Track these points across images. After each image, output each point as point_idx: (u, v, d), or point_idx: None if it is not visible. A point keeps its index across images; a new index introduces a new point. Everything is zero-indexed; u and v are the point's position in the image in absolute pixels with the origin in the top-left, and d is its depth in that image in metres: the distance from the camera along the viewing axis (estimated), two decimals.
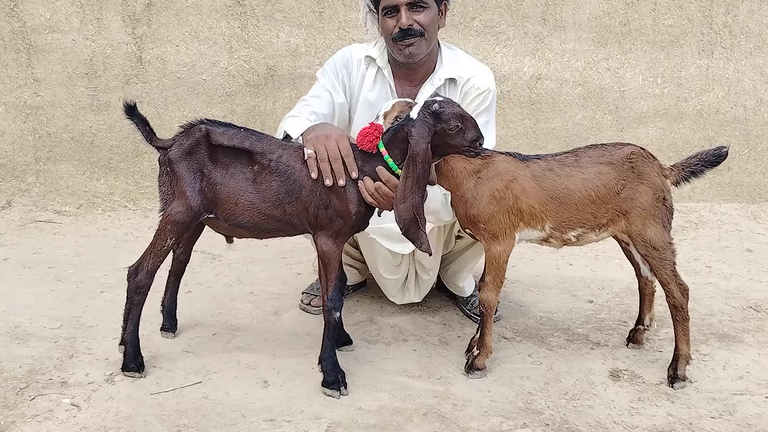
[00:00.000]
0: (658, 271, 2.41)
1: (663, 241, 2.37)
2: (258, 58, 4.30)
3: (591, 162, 2.37)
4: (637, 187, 2.35)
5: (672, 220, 2.42)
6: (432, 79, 2.71)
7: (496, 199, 2.34)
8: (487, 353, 2.46)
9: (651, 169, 2.37)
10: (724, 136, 4.65)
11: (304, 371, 2.44)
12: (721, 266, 3.70)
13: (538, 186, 2.35)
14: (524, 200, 2.35)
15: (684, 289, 2.42)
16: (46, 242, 3.68)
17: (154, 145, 2.31)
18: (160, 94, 4.21)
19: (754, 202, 4.63)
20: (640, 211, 2.36)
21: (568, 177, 2.35)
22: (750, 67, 4.67)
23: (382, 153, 2.20)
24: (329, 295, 2.29)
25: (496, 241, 2.38)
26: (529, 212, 2.36)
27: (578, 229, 2.40)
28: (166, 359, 2.49)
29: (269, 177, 2.24)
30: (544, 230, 2.40)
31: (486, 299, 2.42)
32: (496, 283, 2.41)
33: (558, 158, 2.41)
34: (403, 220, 2.15)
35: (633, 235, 2.38)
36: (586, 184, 2.35)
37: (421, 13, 2.56)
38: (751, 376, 2.54)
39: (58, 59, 4.14)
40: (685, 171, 2.41)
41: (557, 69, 4.53)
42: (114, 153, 4.21)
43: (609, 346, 2.73)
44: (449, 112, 2.15)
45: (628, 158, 2.36)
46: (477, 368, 2.45)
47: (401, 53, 2.60)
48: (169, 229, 2.27)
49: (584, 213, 2.36)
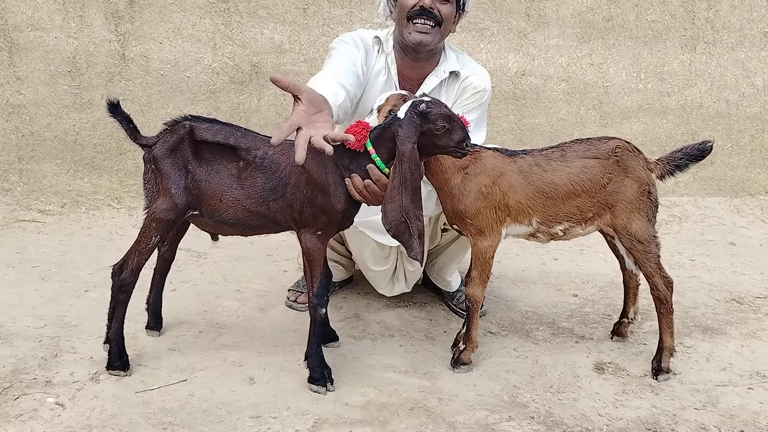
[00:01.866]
0: (642, 264, 2.43)
1: (647, 235, 2.39)
2: (242, 55, 4.28)
3: (577, 156, 2.39)
4: (622, 181, 2.37)
5: (656, 214, 2.44)
6: (437, 71, 2.70)
7: (483, 194, 2.35)
8: (473, 348, 2.47)
9: (636, 163, 2.39)
10: (707, 130, 4.69)
11: (291, 368, 2.44)
12: (704, 259, 3.73)
13: (525, 181, 2.36)
14: (511, 195, 2.36)
15: (668, 282, 2.44)
16: (30, 241, 3.65)
17: (138, 142, 2.29)
18: (143, 91, 4.19)
19: (737, 196, 4.68)
20: (625, 205, 2.37)
21: (554, 171, 2.37)
22: (732, 61, 4.71)
23: (370, 152, 2.20)
24: (314, 291, 2.29)
25: (483, 237, 2.39)
26: (516, 207, 2.37)
27: (565, 223, 2.41)
28: (151, 357, 2.47)
29: (254, 173, 2.23)
30: (531, 225, 2.41)
31: (472, 294, 2.43)
32: (482, 278, 2.42)
33: (544, 153, 2.42)
34: (390, 222, 2.13)
35: (618, 228, 2.40)
36: (572, 179, 2.36)
37: (445, 5, 2.56)
38: (734, 367, 2.56)
39: (40, 57, 4.10)
40: (670, 165, 2.43)
41: (541, 65, 4.55)
42: (98, 151, 4.18)
43: (594, 340, 2.75)
44: (436, 113, 2.14)
45: (613, 152, 2.38)
46: (463, 363, 2.46)
47: (411, 37, 2.55)
48: (154, 227, 2.26)
49: (570, 207, 2.38)
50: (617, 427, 2.17)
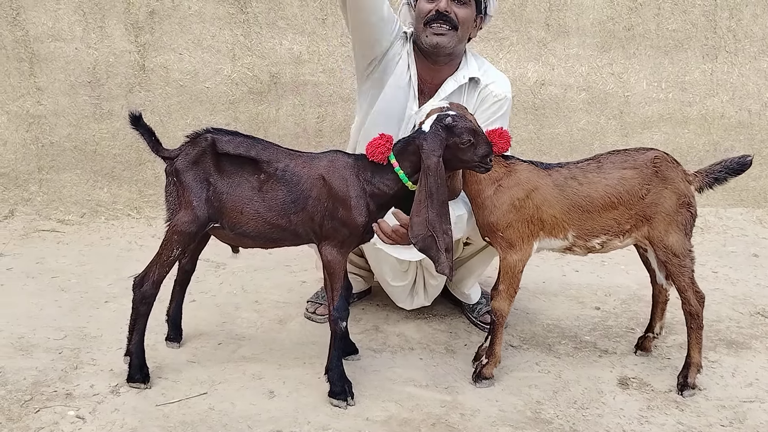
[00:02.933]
0: (676, 278, 2.39)
1: (683, 248, 2.35)
2: (261, 66, 4.29)
3: (614, 167, 2.35)
4: (661, 192, 2.33)
5: (693, 227, 2.40)
6: (456, 76, 2.69)
7: (516, 207, 2.32)
8: (496, 363, 2.44)
9: (675, 174, 2.34)
10: (728, 140, 4.64)
11: (311, 381, 2.42)
12: (727, 271, 3.67)
13: (561, 195, 2.33)
14: (546, 210, 2.32)
15: (700, 297, 2.40)
16: (50, 252, 3.67)
17: (161, 155, 2.30)
18: (163, 102, 4.21)
19: (760, 207, 4.61)
20: (663, 217, 2.33)
21: (590, 184, 2.33)
22: (754, 71, 4.66)
23: (393, 165, 2.19)
24: (335, 305, 2.28)
25: (513, 250, 2.35)
26: (550, 222, 2.33)
27: (602, 236, 2.37)
28: (171, 370, 2.47)
29: (275, 186, 2.23)
30: (566, 239, 2.37)
31: (498, 308, 2.40)
32: (510, 292, 2.39)
33: (580, 165, 2.38)
34: (417, 236, 2.13)
35: (654, 241, 2.36)
36: (609, 191, 2.32)
37: (462, 8, 2.56)
38: (761, 382, 2.51)
39: (60, 68, 4.13)
40: (709, 177, 2.38)
41: (561, 74, 4.52)
42: (117, 162, 4.20)
43: (617, 354, 2.71)
44: (462, 126, 2.13)
45: (652, 162, 2.34)
46: (485, 377, 2.43)
47: (428, 39, 2.56)
48: (175, 240, 2.25)
49: (608, 220, 2.34)
50: None
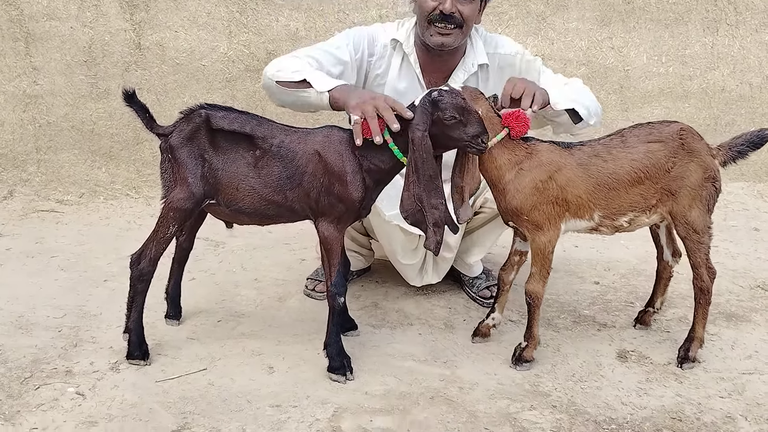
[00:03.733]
0: (692, 254, 2.35)
1: (704, 224, 2.32)
2: (257, 43, 4.26)
3: (639, 141, 2.29)
4: (687, 165, 2.28)
5: (716, 203, 2.36)
6: (464, 65, 2.66)
7: (539, 190, 2.25)
8: (535, 345, 2.40)
9: (701, 147, 2.30)
10: (729, 114, 4.61)
11: (310, 357, 2.43)
12: (728, 246, 3.66)
13: (585, 174, 2.26)
14: (570, 190, 2.26)
15: (712, 273, 2.38)
16: (48, 232, 3.67)
17: (155, 132, 2.28)
18: (159, 80, 4.18)
19: (761, 181, 4.59)
20: (689, 191, 2.29)
21: (615, 160, 2.27)
22: (756, 43, 4.61)
23: (387, 140, 2.16)
24: (332, 280, 2.27)
25: (541, 232, 2.29)
26: (575, 203, 2.27)
27: (629, 213, 2.32)
28: (170, 347, 2.47)
29: (270, 162, 2.21)
30: (592, 219, 2.32)
31: (533, 291, 2.35)
32: (543, 274, 2.34)
33: (603, 142, 2.32)
34: (407, 210, 2.13)
35: (677, 215, 2.31)
36: (635, 165, 2.26)
37: (467, 4, 2.50)
38: (760, 355, 2.52)
39: (56, 47, 4.11)
40: (732, 151, 2.35)
41: (561, 49, 4.49)
42: (115, 141, 4.18)
43: (616, 327, 2.71)
44: (447, 101, 2.08)
45: (678, 135, 2.29)
46: (525, 360, 2.39)
47: (432, 39, 2.53)
48: (171, 216, 2.25)
49: (634, 196, 2.29)
50: (641, 416, 2.13)
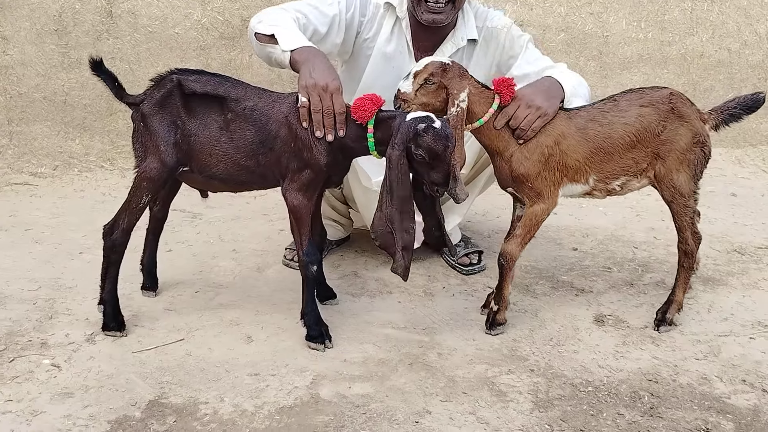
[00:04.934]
0: (678, 217, 2.37)
1: (690, 189, 2.33)
2: (232, 9, 4.18)
3: (630, 105, 2.31)
4: (677, 129, 2.29)
5: (704, 169, 2.37)
6: (454, 38, 2.63)
7: (546, 156, 2.26)
8: (506, 307, 2.41)
9: (691, 112, 2.32)
10: (708, 80, 4.61)
11: (289, 326, 2.42)
12: (705, 211, 3.64)
13: (584, 139, 2.29)
14: (571, 155, 2.28)
15: (698, 238, 2.40)
16: (23, 205, 3.60)
17: (125, 101, 2.24)
18: (132, 49, 4.09)
19: (739, 147, 4.61)
20: (677, 155, 2.30)
21: (610, 125, 2.29)
22: (734, 8, 4.60)
23: (369, 130, 2.12)
24: (304, 249, 2.25)
25: (541, 199, 2.30)
26: (574, 167, 2.30)
27: (622, 177, 2.34)
28: (147, 318, 2.45)
29: (243, 125, 2.18)
30: (587, 183, 2.34)
31: (509, 251, 2.34)
32: (525, 239, 2.35)
33: (597, 107, 2.34)
34: (376, 231, 2.10)
35: (663, 179, 2.33)
36: (627, 129, 2.28)
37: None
38: (736, 317, 2.55)
39: (26, 16, 4.00)
40: (724, 114, 2.36)
41: (539, 15, 4.45)
42: (88, 112, 4.10)
43: (593, 292, 2.72)
44: (426, 142, 2.00)
45: (668, 99, 2.30)
46: (499, 323, 2.40)
47: (423, 16, 2.49)
48: (144, 186, 2.21)
49: (627, 159, 2.31)
50: (618, 379, 2.15)
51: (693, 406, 2.03)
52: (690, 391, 2.10)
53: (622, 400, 2.06)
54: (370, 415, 1.97)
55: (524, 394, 2.08)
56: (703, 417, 1.98)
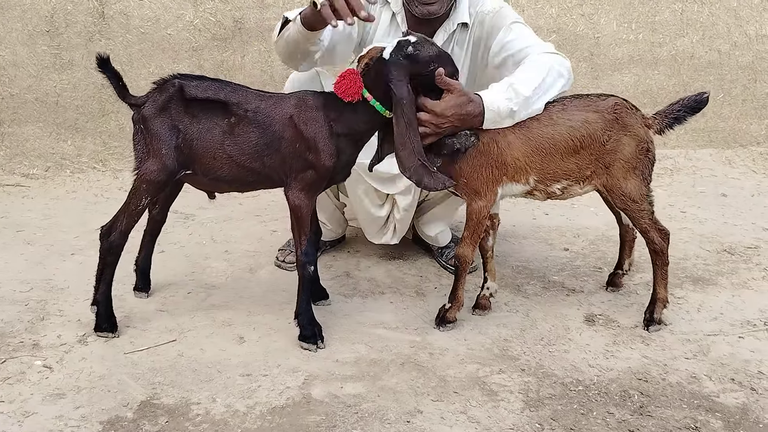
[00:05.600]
0: (636, 222, 2.40)
1: (640, 194, 2.34)
2: (224, 11, 4.18)
3: (577, 110, 2.33)
4: (621, 139, 2.31)
5: (652, 171, 2.40)
6: (445, 26, 2.64)
7: (481, 152, 2.29)
8: (459, 306, 2.45)
9: (635, 120, 2.33)
10: (698, 81, 4.63)
11: (281, 327, 2.43)
12: (696, 211, 3.71)
13: (525, 137, 2.30)
14: (509, 153, 2.30)
15: (665, 234, 2.41)
16: (14, 206, 3.60)
17: (128, 102, 2.25)
18: (124, 50, 4.09)
19: (729, 147, 4.64)
20: (622, 164, 2.32)
21: (554, 126, 2.30)
22: (724, 10, 4.62)
23: (368, 98, 2.16)
24: (302, 249, 2.26)
25: (477, 197, 2.33)
26: (513, 165, 2.31)
27: (563, 181, 2.35)
28: (139, 319, 2.46)
29: (247, 128, 2.19)
30: (528, 183, 2.35)
31: (462, 254, 2.39)
32: (474, 238, 2.38)
33: (545, 107, 2.35)
34: (409, 168, 2.15)
35: (612, 188, 2.35)
36: (572, 133, 2.30)
37: None
38: (725, 317, 2.56)
39: (17, 17, 3.99)
40: (668, 118, 2.38)
41: (531, 16, 4.46)
42: (80, 113, 4.09)
43: (584, 293, 2.74)
44: (424, 55, 2.12)
45: (613, 109, 2.32)
46: (448, 321, 2.45)
47: (417, 9, 2.51)
48: (144, 189, 2.22)
49: (569, 164, 2.32)
50: (608, 378, 2.17)
51: (682, 405, 2.05)
52: (679, 389, 2.12)
53: (612, 399, 2.07)
54: (362, 414, 1.98)
55: (515, 393, 2.09)
56: (692, 415, 2.00)
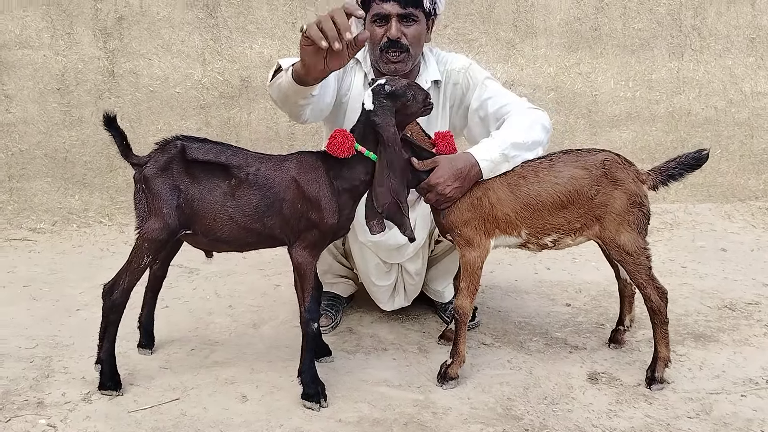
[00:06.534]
0: (633, 276, 2.42)
1: (637, 247, 2.38)
2: (231, 70, 4.29)
3: (565, 166, 2.39)
4: (611, 193, 2.36)
5: (648, 226, 2.43)
6: (418, 81, 2.71)
7: (474, 206, 2.38)
8: (461, 362, 2.45)
9: (626, 175, 2.37)
10: (696, 137, 4.72)
11: (284, 384, 2.43)
12: (696, 266, 3.74)
13: (513, 195, 2.37)
14: (499, 208, 2.37)
15: (662, 293, 2.43)
16: (21, 261, 3.64)
17: (130, 161, 2.30)
18: (133, 108, 4.19)
19: (728, 202, 4.69)
20: (614, 217, 2.37)
21: (541, 183, 2.37)
22: (719, 68, 4.74)
23: (361, 151, 2.24)
24: (306, 306, 2.28)
25: (471, 248, 2.40)
26: (504, 220, 2.38)
27: (553, 234, 2.41)
28: (143, 376, 2.46)
29: (248, 191, 2.24)
30: (520, 236, 2.42)
31: (460, 305, 2.42)
32: (470, 289, 2.42)
33: (533, 164, 2.42)
34: (382, 204, 2.22)
35: (606, 240, 2.40)
36: (558, 189, 2.36)
37: (411, 26, 2.56)
38: (727, 375, 2.56)
39: (29, 75, 4.10)
40: (663, 175, 2.41)
41: (530, 75, 4.57)
42: (88, 168, 4.17)
43: (587, 349, 2.75)
44: (401, 87, 2.21)
45: (602, 164, 2.37)
46: (450, 378, 2.44)
47: (386, 67, 2.60)
48: (145, 247, 2.25)
49: (558, 218, 2.38)
50: None
51: None
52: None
53: None
54: None
55: None
56: None
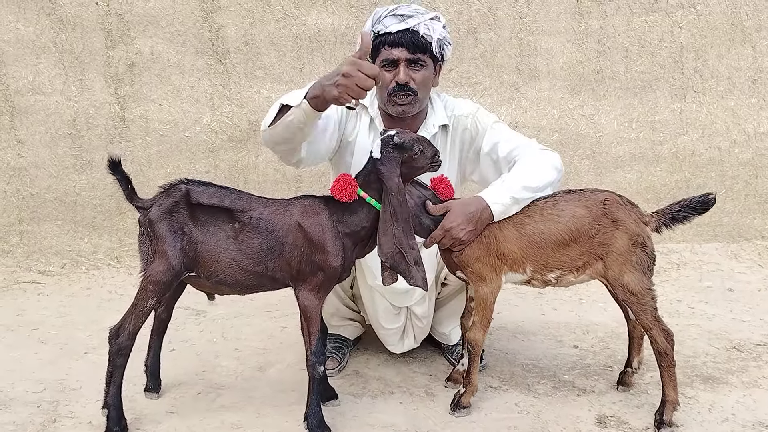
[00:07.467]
0: (638, 317, 2.43)
1: (641, 287, 2.39)
2: (240, 114, 4.37)
3: (567, 205, 2.45)
4: (612, 233, 2.39)
5: (653, 266, 2.45)
6: (425, 126, 2.76)
7: (483, 244, 2.45)
8: (473, 391, 2.50)
9: (627, 216, 2.41)
10: (700, 177, 4.74)
11: (290, 429, 2.42)
12: (703, 307, 3.72)
13: (518, 233, 2.44)
14: (506, 246, 2.44)
15: (668, 335, 2.42)
16: (30, 303, 3.66)
17: (135, 204, 2.33)
18: (143, 152, 4.25)
19: (734, 242, 4.69)
20: (616, 257, 2.39)
21: (544, 221, 2.43)
22: (722, 109, 4.78)
23: (363, 197, 2.28)
24: (312, 349, 2.29)
25: (484, 283, 2.46)
26: (511, 257, 2.44)
27: (556, 271, 2.45)
28: (150, 421, 2.46)
29: (250, 234, 2.26)
30: (525, 273, 2.47)
31: (473, 338, 2.48)
32: (484, 323, 2.47)
33: (537, 203, 2.48)
34: (386, 254, 2.26)
35: (610, 280, 2.42)
36: (560, 228, 2.41)
37: (419, 72, 2.62)
38: (737, 417, 2.54)
39: (41, 120, 4.18)
40: (666, 217, 2.44)
41: (534, 117, 4.63)
42: (98, 211, 4.22)
43: (595, 392, 2.73)
44: (409, 140, 2.26)
45: (602, 204, 2.42)
46: (463, 406, 2.50)
47: (393, 109, 2.65)
48: (150, 289, 2.27)
49: (561, 255, 2.43)
50: None
51: None
52: None
53: None
54: None
55: None
56: None
